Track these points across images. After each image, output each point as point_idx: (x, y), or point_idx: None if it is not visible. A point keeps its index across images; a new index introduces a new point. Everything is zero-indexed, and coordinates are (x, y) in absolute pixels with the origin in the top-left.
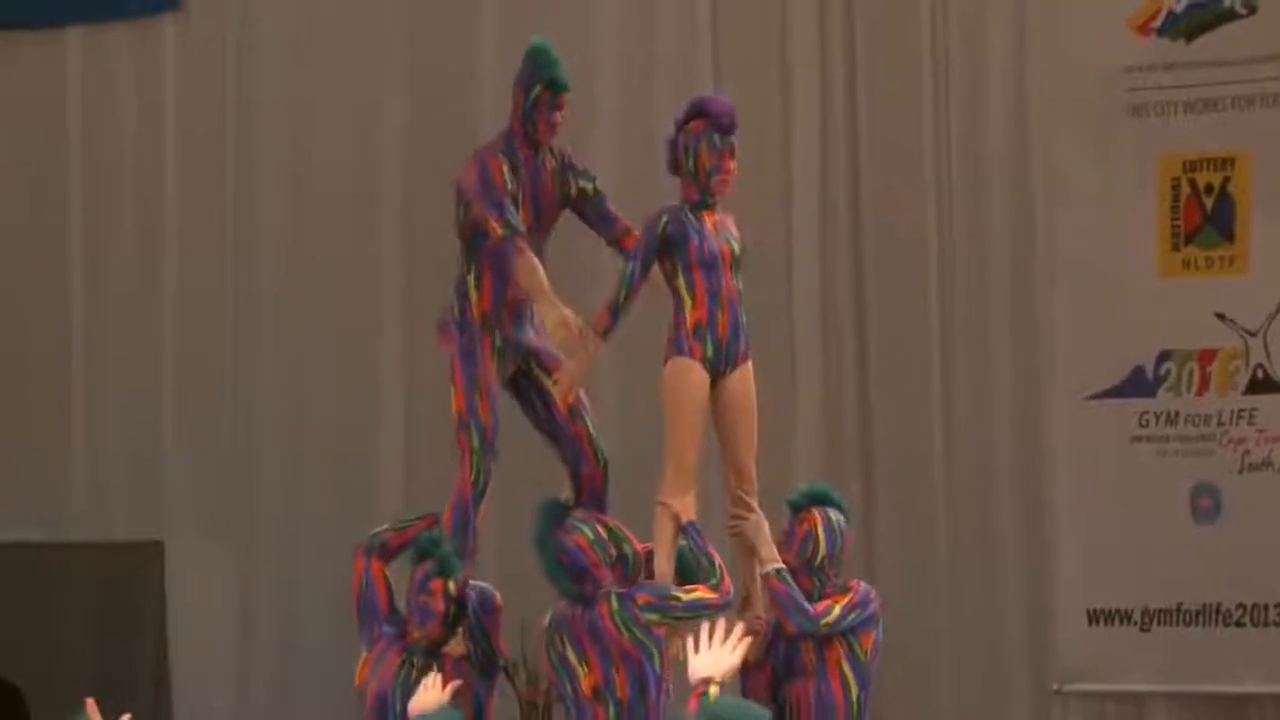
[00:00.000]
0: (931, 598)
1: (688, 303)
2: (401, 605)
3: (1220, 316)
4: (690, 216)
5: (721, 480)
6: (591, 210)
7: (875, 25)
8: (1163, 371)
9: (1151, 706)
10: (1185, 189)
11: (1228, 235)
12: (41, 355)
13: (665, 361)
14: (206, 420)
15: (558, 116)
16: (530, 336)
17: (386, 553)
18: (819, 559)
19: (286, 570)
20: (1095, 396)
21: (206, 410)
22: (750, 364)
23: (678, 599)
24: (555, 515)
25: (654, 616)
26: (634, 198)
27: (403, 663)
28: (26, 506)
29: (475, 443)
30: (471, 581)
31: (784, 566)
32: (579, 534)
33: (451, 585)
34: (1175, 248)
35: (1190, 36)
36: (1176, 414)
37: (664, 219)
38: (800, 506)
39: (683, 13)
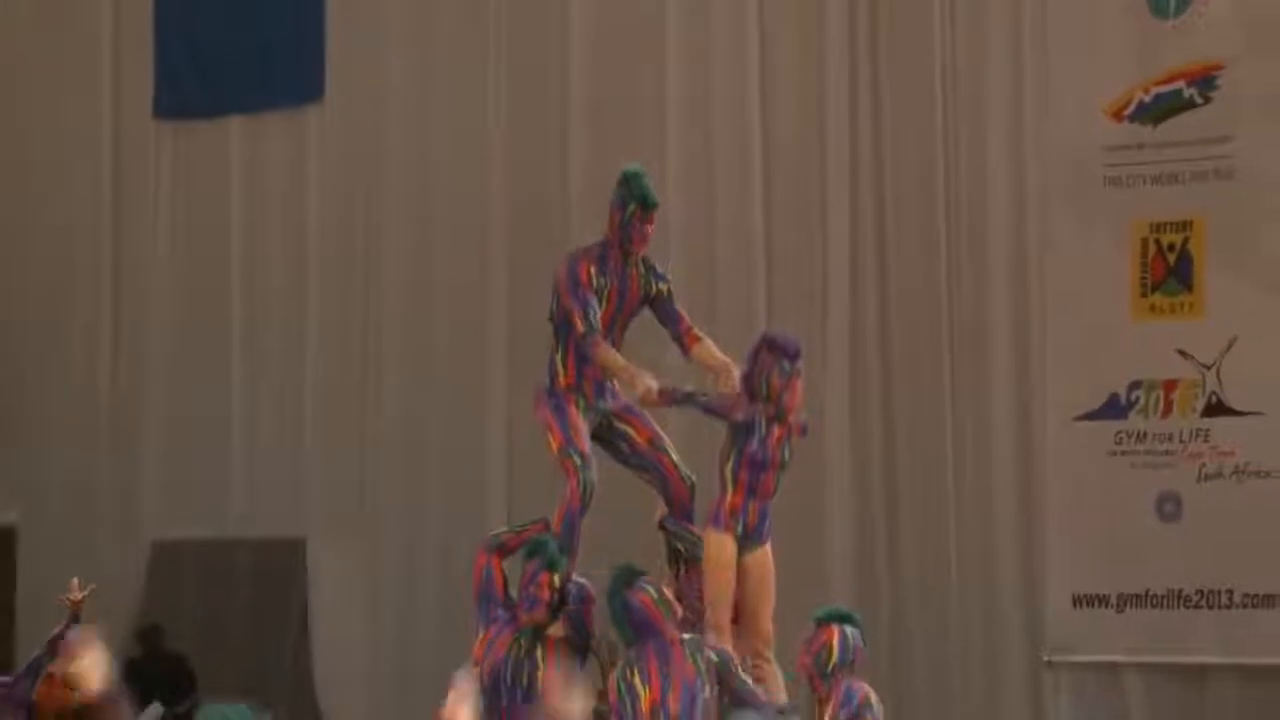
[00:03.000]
0: (942, 584)
1: (729, 488)
2: (514, 593)
3: (1181, 353)
4: (761, 424)
5: None
6: (662, 308)
7: (899, 129)
8: (1134, 398)
9: (1126, 675)
10: (1152, 247)
11: (1187, 285)
12: (204, 382)
13: (704, 527)
14: (342, 437)
15: (649, 229)
16: (609, 403)
17: (505, 550)
18: (830, 665)
19: (408, 567)
20: (1079, 418)
21: (343, 428)
22: (769, 544)
23: (736, 673)
24: (626, 576)
25: (716, 657)
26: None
27: (513, 642)
28: (194, 506)
29: (578, 463)
30: (573, 576)
31: (787, 704)
32: (645, 593)
33: (556, 578)
34: (1144, 295)
35: (1156, 121)
36: (1145, 433)
37: (745, 414)
38: (822, 620)
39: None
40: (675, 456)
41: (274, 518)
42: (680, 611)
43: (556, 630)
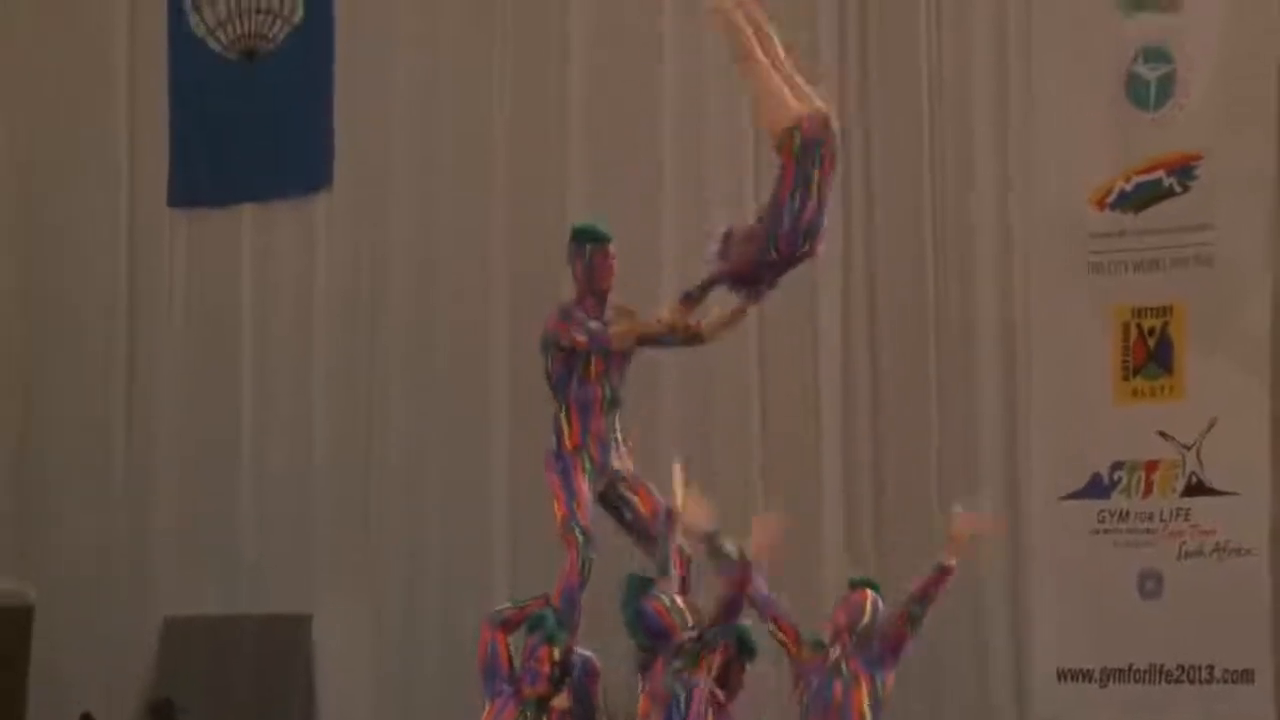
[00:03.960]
0: (933, 656)
1: None
2: (518, 667)
3: (1162, 434)
4: None
5: None
6: (650, 338)
7: (889, 218)
8: (1116, 478)
9: None
10: (1134, 331)
11: (1168, 369)
12: (215, 460)
13: None
14: (348, 515)
15: (612, 263)
16: (614, 462)
17: (508, 626)
18: (862, 629)
19: (412, 639)
20: (1064, 498)
21: (348, 507)
22: None
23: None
24: (640, 585)
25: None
26: None
27: (519, 715)
28: (203, 583)
29: (579, 539)
30: (577, 649)
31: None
32: (658, 601)
33: (556, 652)
34: (1126, 378)
35: (1138, 210)
36: (1127, 512)
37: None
38: (857, 584)
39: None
40: (680, 539)
41: (281, 595)
42: (691, 619)
43: (561, 702)
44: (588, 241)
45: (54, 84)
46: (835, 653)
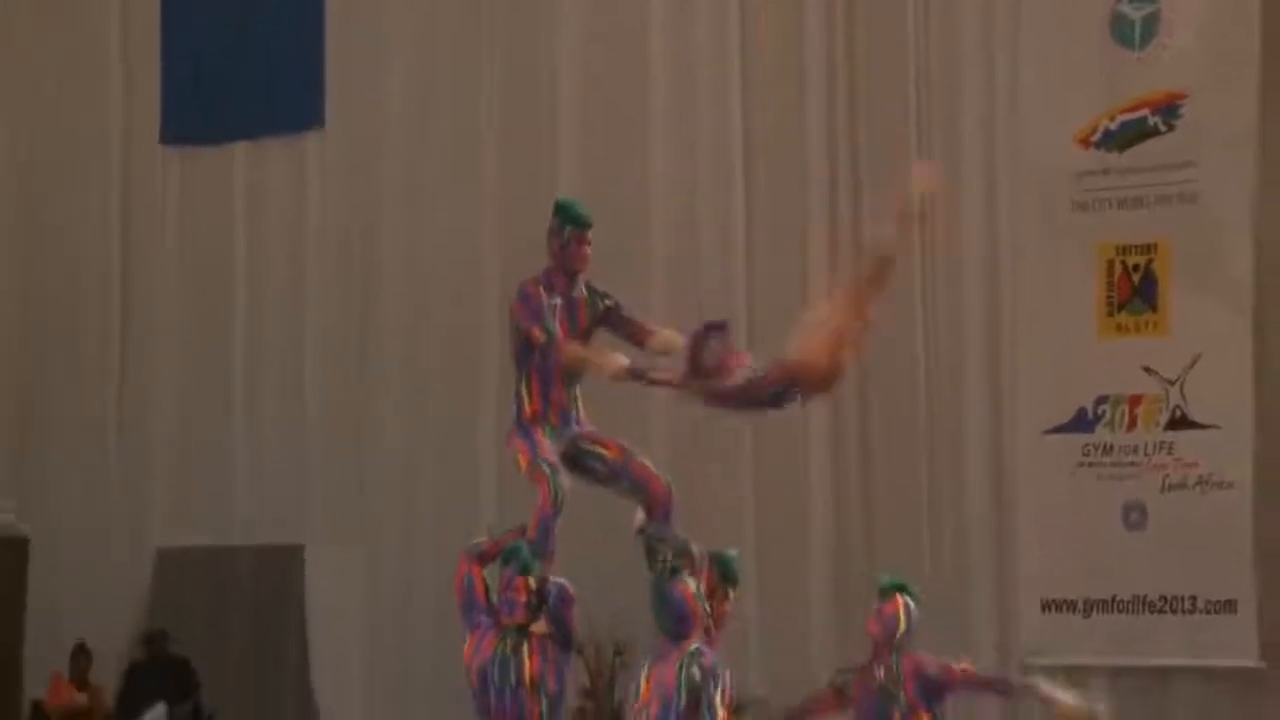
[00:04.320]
0: (923, 591)
1: None
2: (495, 598)
3: (1146, 369)
4: None
5: None
6: (614, 321)
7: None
8: (1100, 412)
9: (1093, 677)
10: (1118, 268)
11: (1152, 305)
12: (209, 397)
13: None
14: (340, 445)
15: (586, 250)
16: (576, 428)
17: (484, 558)
18: (899, 635)
19: (404, 571)
20: (1048, 432)
21: (340, 437)
22: None
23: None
24: (672, 568)
25: (698, 675)
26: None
27: (499, 643)
28: (196, 515)
29: (546, 470)
30: (551, 578)
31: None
32: (686, 585)
33: (531, 581)
34: (1110, 314)
35: (1122, 148)
36: (1111, 446)
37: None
38: (888, 591)
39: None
40: (648, 460)
41: (274, 526)
42: (706, 614)
43: (539, 628)
44: (568, 223)
45: (47, 23)
46: (880, 674)
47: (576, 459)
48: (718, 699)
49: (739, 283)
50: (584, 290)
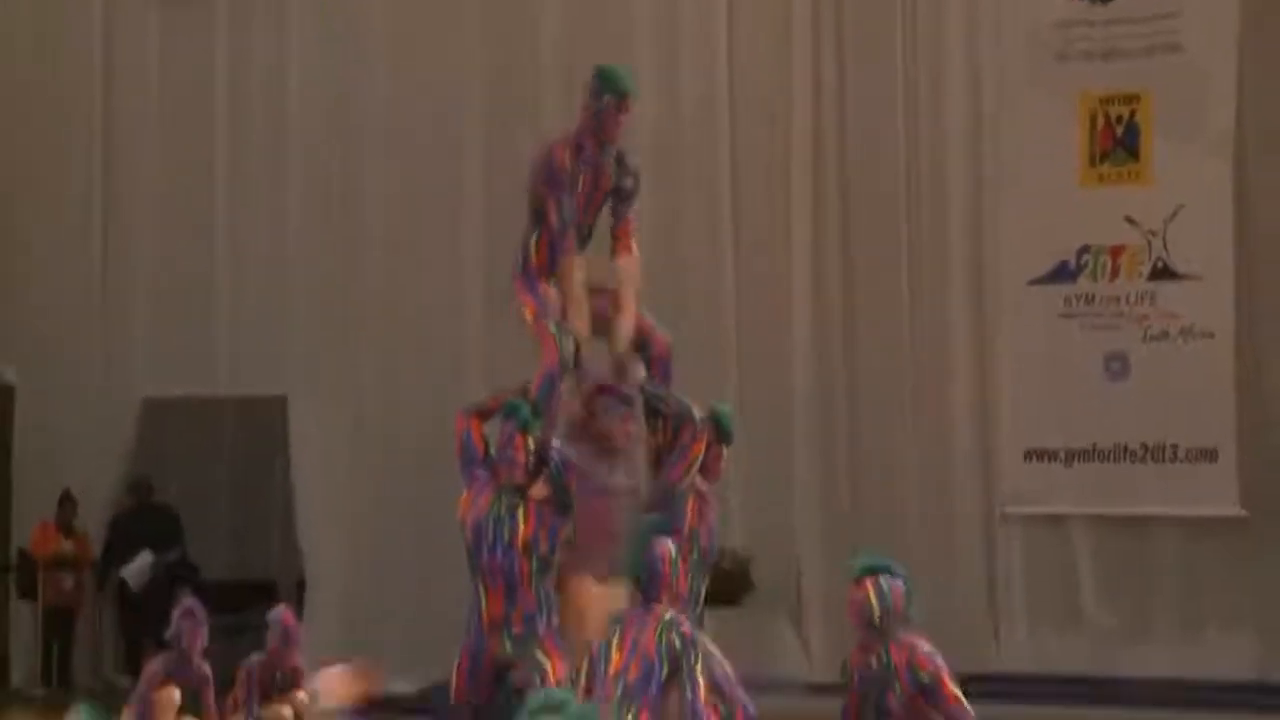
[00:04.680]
0: (902, 443)
1: None
2: (494, 453)
3: (1129, 219)
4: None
5: None
6: (618, 203)
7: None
8: (1082, 263)
9: (1074, 525)
10: (1100, 119)
11: (1134, 155)
12: (192, 247)
13: None
14: (324, 297)
15: (624, 119)
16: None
17: (484, 414)
18: (876, 618)
19: (388, 420)
20: (1031, 283)
21: (324, 288)
22: None
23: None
24: (658, 526)
25: (679, 643)
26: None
27: (494, 500)
28: (181, 367)
29: (553, 329)
30: (555, 442)
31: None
32: (666, 547)
33: (530, 440)
34: (1092, 164)
35: None
36: (1093, 296)
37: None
38: (859, 576)
39: None
40: (650, 319)
41: (259, 376)
42: (681, 592)
43: (539, 491)
44: (608, 91)
45: None
46: (873, 660)
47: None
48: (699, 669)
49: (723, 152)
50: (612, 160)
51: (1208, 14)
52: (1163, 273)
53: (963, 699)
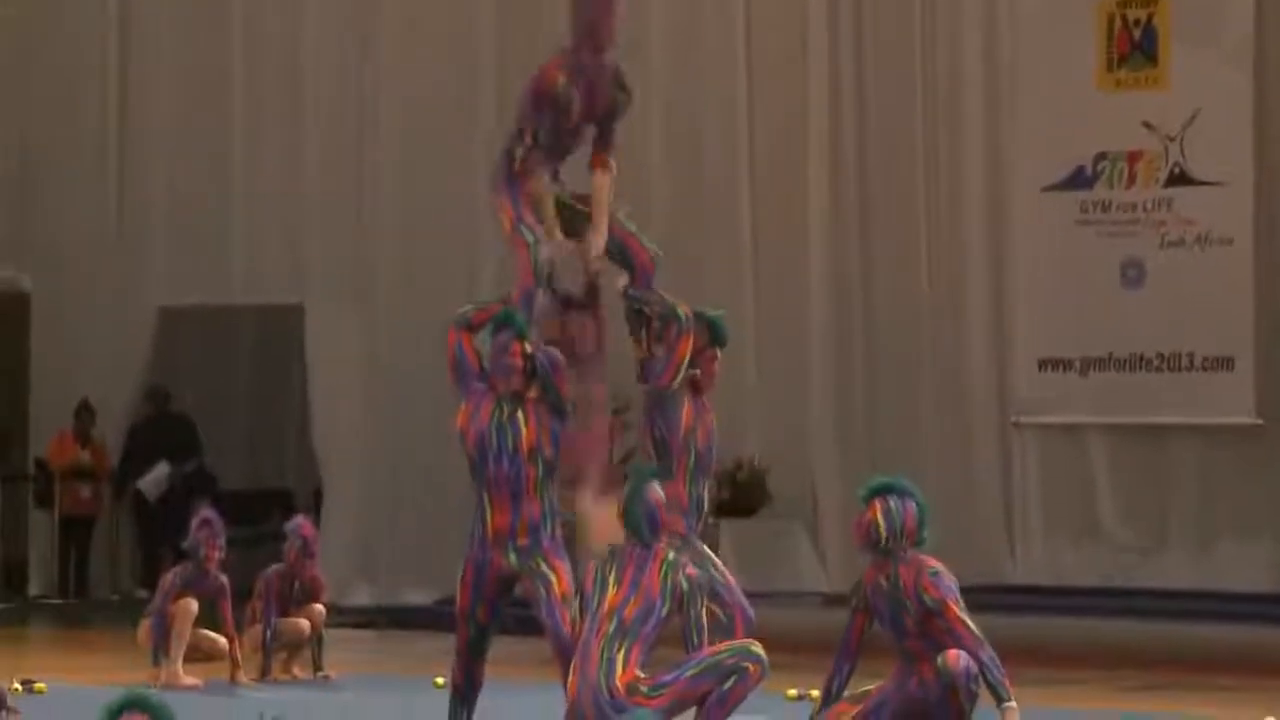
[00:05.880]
0: (917, 349)
1: None
2: (487, 365)
3: (1146, 125)
4: None
5: None
6: (608, 122)
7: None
8: (1099, 169)
9: (1090, 435)
10: (1118, 23)
11: (1152, 60)
12: (208, 157)
13: None
14: (339, 205)
15: (613, 21)
16: (563, 188)
17: (472, 326)
18: (882, 540)
19: (403, 330)
20: (1046, 189)
21: (339, 197)
22: None
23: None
24: (646, 475)
25: (685, 586)
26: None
27: (495, 408)
28: (197, 274)
29: (529, 238)
30: (541, 348)
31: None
32: (657, 494)
33: (527, 345)
34: (1110, 69)
35: None
36: (1110, 203)
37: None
38: (866, 497)
39: None
40: (634, 228)
41: (274, 285)
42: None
43: (533, 393)
44: None
45: None
46: (884, 580)
47: (562, 211)
48: (704, 614)
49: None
50: (611, 69)
51: None
52: (1180, 179)
53: (968, 623)
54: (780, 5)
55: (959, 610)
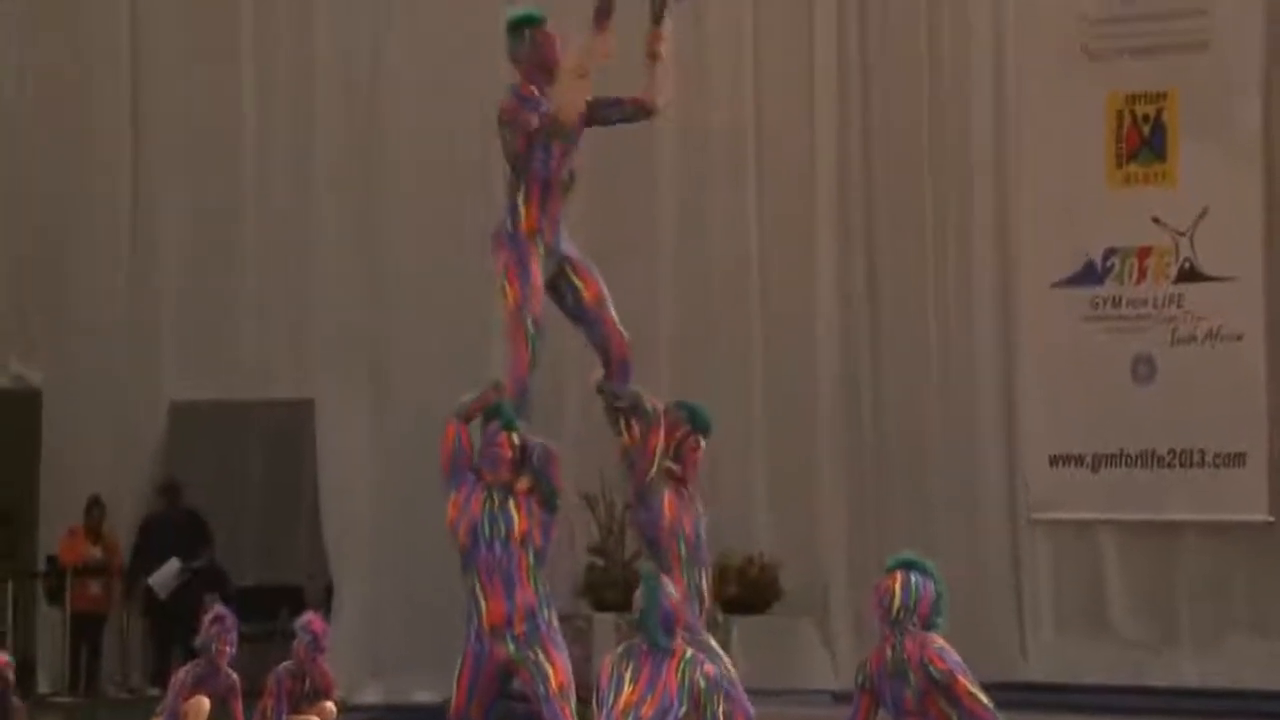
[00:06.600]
0: (928, 445)
1: None
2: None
3: (1156, 220)
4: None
5: None
6: (599, 110)
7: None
8: (1109, 264)
9: (1101, 531)
10: (1127, 118)
11: (1161, 155)
12: (217, 252)
13: None
14: (351, 302)
15: (554, 39)
16: (565, 246)
17: (469, 417)
18: (895, 611)
19: (414, 424)
20: (1055, 285)
21: (351, 293)
22: None
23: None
24: (658, 578)
25: (703, 684)
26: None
27: (486, 498)
28: (209, 371)
29: (530, 331)
30: (533, 438)
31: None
32: (673, 598)
33: (515, 437)
34: (1119, 165)
35: None
36: (1120, 298)
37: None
38: (890, 567)
39: None
40: (615, 315)
41: (284, 380)
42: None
43: (523, 485)
44: (525, 26)
45: None
46: (889, 652)
47: (556, 284)
48: (721, 712)
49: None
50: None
51: (1235, 12)
52: (1190, 274)
53: (978, 695)
54: (787, 108)
55: (969, 684)
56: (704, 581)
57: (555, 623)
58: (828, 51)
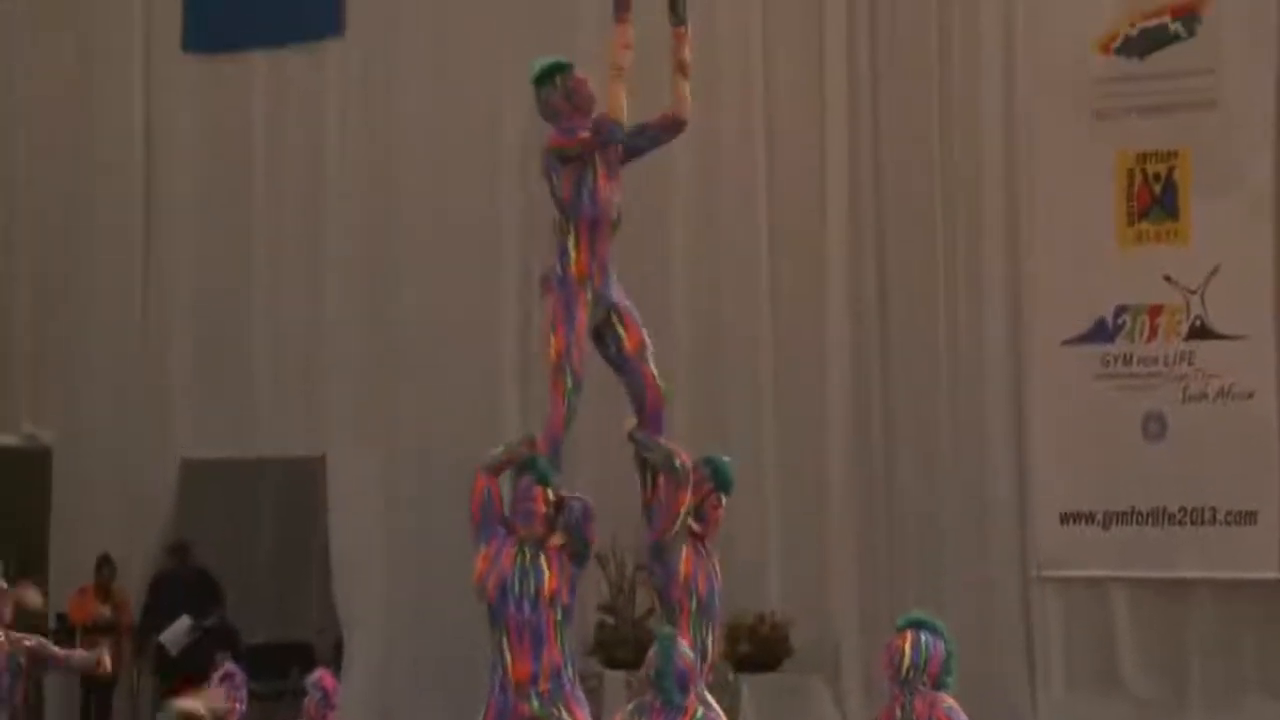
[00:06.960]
0: (938, 502)
1: None
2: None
3: (1167, 278)
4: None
5: None
6: (631, 140)
7: (896, 76)
8: (1120, 322)
9: (1112, 589)
10: (1138, 177)
11: (1173, 214)
12: (231, 316)
13: None
14: (361, 357)
15: (586, 80)
16: (614, 292)
17: (499, 470)
18: (904, 670)
19: (425, 481)
20: (1067, 343)
21: (361, 349)
22: None
23: None
24: (673, 638)
25: None
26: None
27: (517, 553)
28: (220, 429)
29: (568, 385)
30: (572, 494)
31: None
32: (687, 656)
33: (549, 492)
34: (1130, 223)
35: (1142, 55)
36: (1131, 356)
37: None
38: (901, 627)
39: None
40: (655, 368)
41: (295, 438)
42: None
43: (555, 540)
44: (556, 74)
45: None
46: (898, 712)
47: (601, 332)
48: None
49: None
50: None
51: (1245, 70)
52: (1201, 332)
53: None
54: (797, 173)
55: None
56: (710, 638)
57: (578, 680)
58: (838, 114)
